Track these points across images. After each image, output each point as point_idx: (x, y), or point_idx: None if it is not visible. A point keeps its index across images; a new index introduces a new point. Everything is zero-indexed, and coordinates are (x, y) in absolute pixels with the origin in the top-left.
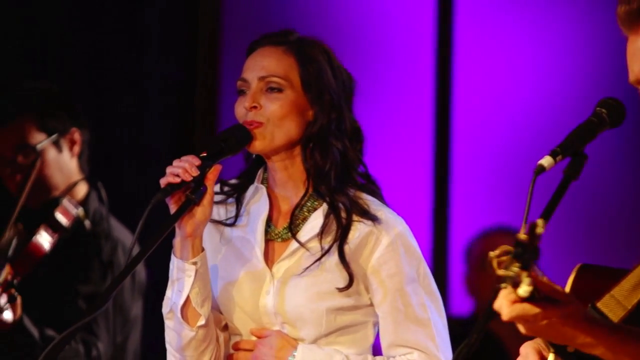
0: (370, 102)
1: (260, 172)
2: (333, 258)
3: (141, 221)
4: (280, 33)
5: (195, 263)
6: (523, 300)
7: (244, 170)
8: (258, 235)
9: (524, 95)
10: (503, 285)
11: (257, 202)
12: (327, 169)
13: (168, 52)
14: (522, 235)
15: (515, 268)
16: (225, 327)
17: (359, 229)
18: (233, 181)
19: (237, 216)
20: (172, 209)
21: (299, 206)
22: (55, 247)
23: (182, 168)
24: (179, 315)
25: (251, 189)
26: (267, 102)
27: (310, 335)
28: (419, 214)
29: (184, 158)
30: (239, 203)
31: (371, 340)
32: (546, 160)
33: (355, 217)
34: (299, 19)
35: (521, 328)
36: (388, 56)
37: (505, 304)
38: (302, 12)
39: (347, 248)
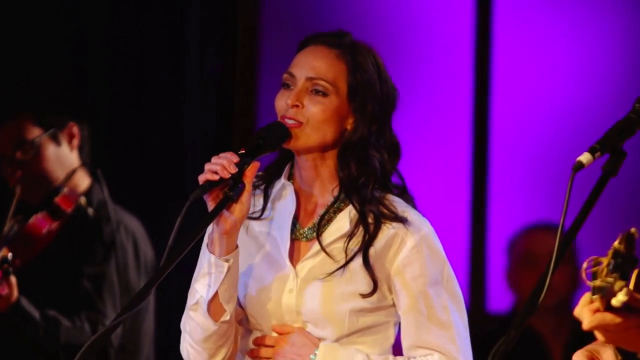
0: (409, 102)
1: (287, 167)
2: (358, 261)
3: (179, 218)
4: (335, 34)
5: (228, 260)
6: (605, 309)
7: (272, 163)
8: (284, 233)
9: (562, 94)
10: (595, 296)
11: (284, 199)
12: (362, 180)
13: (207, 49)
14: (619, 245)
15: (610, 279)
16: (242, 321)
17: (384, 231)
18: (260, 173)
19: (263, 210)
20: (210, 206)
21: (327, 211)
22: (57, 233)
23: (221, 165)
24: (205, 308)
25: (277, 184)
26: (310, 103)
27: (331, 335)
28: (458, 212)
29: (222, 155)
30: (266, 197)
31: (392, 340)
32: (585, 157)
33: (381, 219)
34: (337, 15)
35: (599, 336)
36: (426, 55)
37: (586, 313)
38: (339, 9)
39: (372, 250)
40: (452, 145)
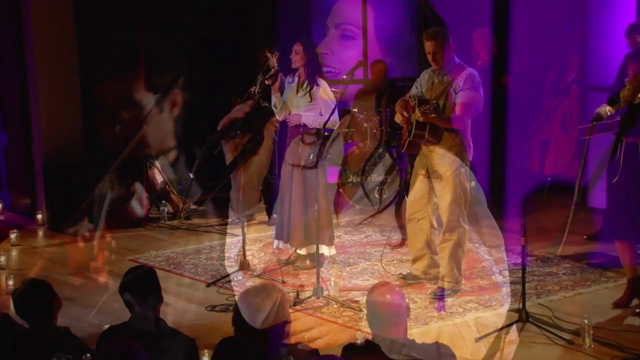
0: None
1: (348, 117)
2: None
3: (197, 160)
4: None
5: (250, 215)
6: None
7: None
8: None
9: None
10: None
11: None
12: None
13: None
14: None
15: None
16: None
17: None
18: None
19: (318, 158)
20: (228, 158)
21: (372, 155)
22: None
23: (238, 111)
24: None
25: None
26: (340, 49)
27: None
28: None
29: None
30: (322, 147)
31: None
32: (603, 109)
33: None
34: None
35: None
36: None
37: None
38: None
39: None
40: None
